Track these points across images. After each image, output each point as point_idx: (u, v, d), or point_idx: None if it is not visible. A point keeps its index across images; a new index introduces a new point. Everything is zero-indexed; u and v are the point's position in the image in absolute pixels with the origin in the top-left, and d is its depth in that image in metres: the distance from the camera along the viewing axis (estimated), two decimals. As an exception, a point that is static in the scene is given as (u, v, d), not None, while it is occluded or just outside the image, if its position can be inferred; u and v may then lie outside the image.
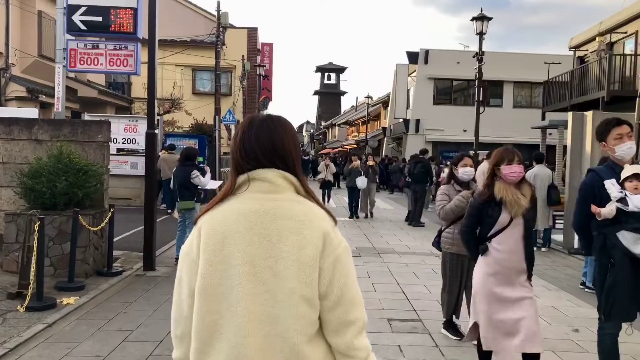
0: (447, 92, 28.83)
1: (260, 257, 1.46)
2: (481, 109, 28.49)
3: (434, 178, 14.09)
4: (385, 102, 38.34)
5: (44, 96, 16.77)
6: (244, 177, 1.53)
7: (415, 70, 28.37)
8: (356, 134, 47.02)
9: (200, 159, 15.47)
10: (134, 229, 11.63)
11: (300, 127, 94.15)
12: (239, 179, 1.54)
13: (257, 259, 1.45)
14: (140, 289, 6.54)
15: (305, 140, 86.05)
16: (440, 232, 4.99)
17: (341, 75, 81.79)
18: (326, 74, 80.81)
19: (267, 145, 1.55)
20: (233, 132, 16.63)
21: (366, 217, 13.79)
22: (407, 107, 28.70)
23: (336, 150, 47.10)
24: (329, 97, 79.02)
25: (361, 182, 12.78)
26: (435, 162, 17.31)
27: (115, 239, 10.05)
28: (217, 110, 15.85)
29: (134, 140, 15.78)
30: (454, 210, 4.69)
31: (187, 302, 1.51)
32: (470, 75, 28.28)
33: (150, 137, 7.81)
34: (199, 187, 8.42)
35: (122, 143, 15.84)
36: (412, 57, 28.21)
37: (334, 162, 28.27)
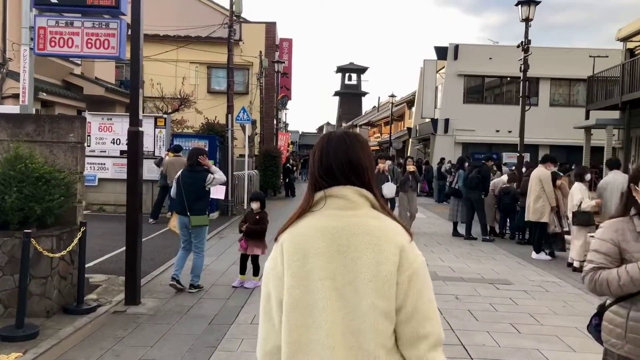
0: (479, 90, 26.92)
1: (341, 272, 1.50)
2: (517, 107, 26.71)
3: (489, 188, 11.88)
4: (410, 102, 36.54)
5: (44, 94, 15.38)
6: (321, 194, 1.59)
7: (444, 67, 26.54)
8: (378, 135, 45.25)
9: (211, 162, 13.94)
10: (144, 238, 10.20)
11: (321, 128, 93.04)
12: (316, 195, 1.60)
13: (338, 275, 1.50)
14: (112, 335, 4.96)
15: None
16: (601, 311, 2.60)
17: (362, 76, 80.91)
18: (347, 75, 79.93)
19: (344, 162, 1.60)
20: (248, 131, 15.01)
21: None
22: (435, 106, 26.86)
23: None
24: (349, 97, 77.98)
25: (388, 189, 10.62)
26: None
27: (102, 259, 8.59)
28: (230, 108, 14.31)
29: (138, 141, 14.31)
30: (626, 286, 2.36)
31: (277, 315, 1.56)
32: (503, 72, 26.41)
33: (133, 136, 6.26)
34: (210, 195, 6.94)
35: (125, 144, 14.36)
36: (441, 52, 26.37)
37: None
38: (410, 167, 11.74)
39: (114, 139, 14.33)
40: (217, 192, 7.80)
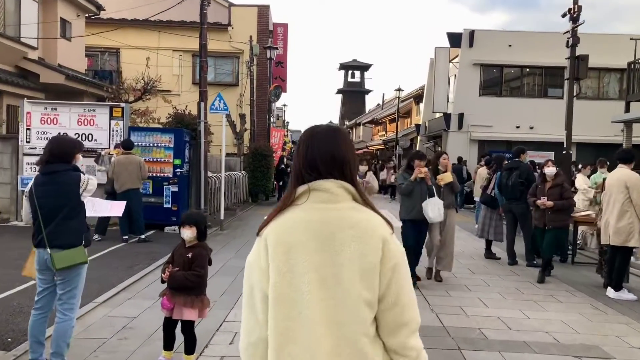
0: (497, 82, 24.07)
1: (325, 264, 1.53)
2: (540, 100, 23.77)
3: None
4: (417, 97, 33.71)
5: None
6: (305, 187, 1.60)
7: (457, 55, 23.71)
8: (383, 133, 42.44)
9: (177, 161, 11.16)
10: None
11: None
12: (299, 189, 1.61)
13: (322, 267, 1.53)
14: None
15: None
16: None
17: (366, 73, 78.92)
18: (350, 72, 78.00)
19: (329, 156, 1.62)
20: (225, 123, 12.18)
21: (432, 277, 7.32)
22: (448, 100, 24.03)
23: (361, 151, 42.52)
24: (353, 95, 75.86)
25: (433, 210, 6.55)
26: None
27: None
28: (203, 95, 11.54)
29: (90, 137, 11.58)
30: None
31: (260, 308, 1.57)
32: (524, 60, 23.52)
33: None
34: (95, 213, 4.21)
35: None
36: (454, 39, 23.53)
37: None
38: (445, 177, 7.07)
39: (59, 133, 11.55)
40: (112, 208, 4.94)
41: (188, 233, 3.93)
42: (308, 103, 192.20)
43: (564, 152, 11.75)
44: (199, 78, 11.94)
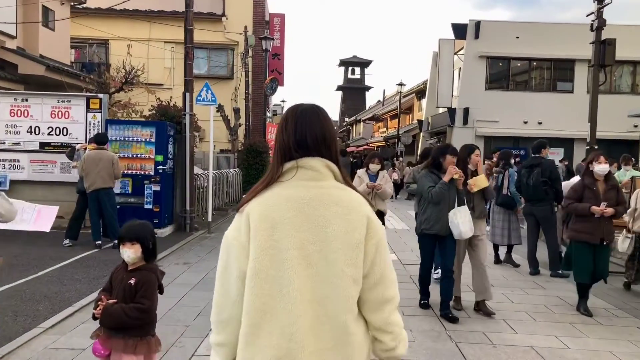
0: (504, 75, 23.02)
1: (309, 241, 1.52)
2: (549, 94, 22.64)
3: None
4: (420, 92, 32.64)
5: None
6: (292, 164, 1.59)
7: (462, 47, 22.63)
8: (384, 129, 41.38)
9: (159, 157, 10.11)
10: (36, 272, 6.63)
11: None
12: (286, 165, 1.60)
13: (307, 243, 1.52)
14: None
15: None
16: None
17: (366, 70, 77.88)
18: (350, 68, 76.96)
19: (319, 134, 1.61)
20: (212, 117, 11.10)
21: (454, 319, 5.27)
22: (453, 94, 22.96)
23: (361, 148, 41.41)
24: (353, 92, 74.88)
25: (467, 221, 5.16)
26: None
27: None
28: (189, 85, 10.48)
29: (64, 131, 10.55)
30: None
31: (235, 286, 1.55)
32: (533, 53, 22.42)
33: None
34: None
35: (49, 134, 10.59)
36: (459, 30, 22.44)
37: (357, 165, 22.59)
38: (479, 181, 5.51)
39: (31, 126, 10.54)
40: (38, 221, 3.84)
41: (129, 252, 2.89)
42: (307, 99, 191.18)
43: (588, 147, 10.67)
44: (183, 67, 10.83)
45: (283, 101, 41.84)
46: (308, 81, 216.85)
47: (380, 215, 6.76)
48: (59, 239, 8.52)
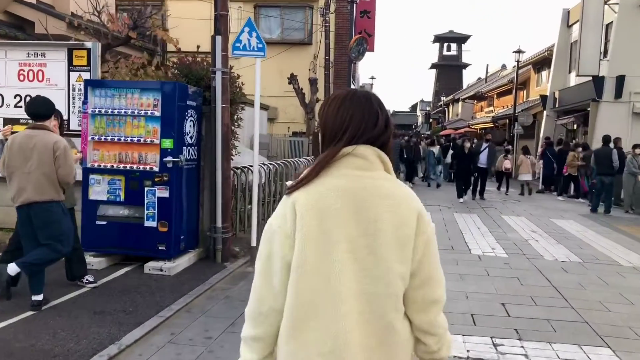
0: (675, 30, 16.96)
1: (358, 234, 1.44)
2: None
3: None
4: (539, 63, 26.72)
5: None
6: (344, 151, 1.48)
7: (616, -6, 16.86)
8: (490, 109, 35.48)
9: (167, 143, 6.06)
10: None
11: (414, 106, 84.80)
12: (339, 153, 1.48)
13: (355, 237, 1.44)
14: None
15: (420, 120, 77.24)
16: None
17: (463, 46, 72.76)
18: (445, 45, 72.28)
19: (374, 121, 1.52)
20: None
21: None
22: (601, 58, 17.25)
23: (461, 130, 35.82)
24: (448, 70, 70.07)
25: None
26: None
27: None
28: (221, 22, 6.30)
29: (36, 100, 6.76)
30: None
31: (279, 277, 1.46)
32: None
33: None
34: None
35: (15, 106, 6.94)
36: (612, -28, 16.69)
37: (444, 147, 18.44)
38: None
39: (-11, 94, 6.90)
40: None
41: None
42: (398, 81, 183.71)
43: None
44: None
45: (372, 77, 37.22)
46: (398, 58, 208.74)
47: None
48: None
